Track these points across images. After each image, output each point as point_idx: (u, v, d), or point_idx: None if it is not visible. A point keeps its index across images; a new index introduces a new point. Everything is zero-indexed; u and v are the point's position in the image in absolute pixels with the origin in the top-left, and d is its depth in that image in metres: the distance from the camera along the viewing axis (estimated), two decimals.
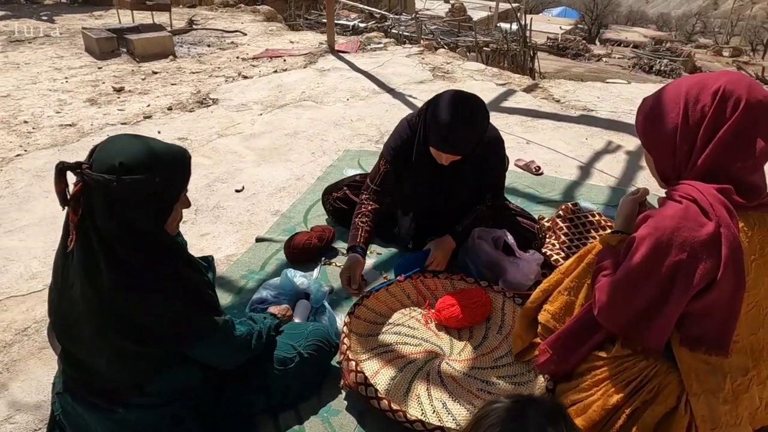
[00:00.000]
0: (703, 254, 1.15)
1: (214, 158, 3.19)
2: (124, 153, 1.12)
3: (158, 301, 1.19)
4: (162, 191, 1.17)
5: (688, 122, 1.21)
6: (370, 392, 1.48)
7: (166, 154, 1.18)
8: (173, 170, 1.19)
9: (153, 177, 1.13)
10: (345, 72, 4.95)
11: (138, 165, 1.12)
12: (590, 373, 1.43)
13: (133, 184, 1.11)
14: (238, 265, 2.22)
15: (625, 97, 4.34)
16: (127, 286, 1.17)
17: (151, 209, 1.17)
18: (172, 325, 1.22)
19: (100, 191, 1.11)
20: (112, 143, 1.15)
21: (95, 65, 5.19)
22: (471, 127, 1.84)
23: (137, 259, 1.17)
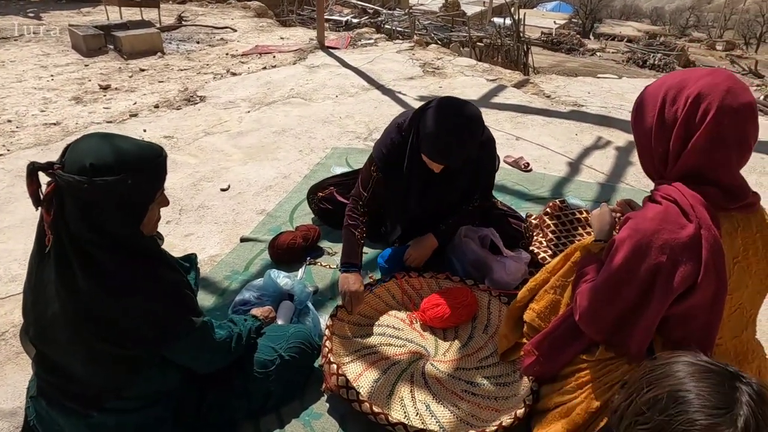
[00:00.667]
0: (683, 257, 1.13)
1: (200, 157, 3.15)
2: (95, 154, 1.09)
3: (134, 303, 1.16)
4: (135, 193, 1.14)
5: (663, 125, 1.20)
6: (352, 395, 1.46)
7: (140, 154, 1.15)
8: (147, 171, 1.16)
9: (125, 179, 1.10)
10: (335, 68, 4.91)
11: (109, 166, 1.09)
12: (574, 375, 1.42)
13: (105, 186, 1.08)
14: (222, 265, 2.19)
15: (615, 93, 4.33)
16: (102, 287, 1.14)
17: (124, 211, 1.15)
18: (148, 326, 1.20)
19: (72, 193, 1.09)
20: (84, 143, 1.13)
21: (82, 63, 5.12)
22: (465, 140, 1.77)
23: (111, 260, 1.14)
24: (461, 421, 1.51)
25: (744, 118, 1.13)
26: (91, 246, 1.13)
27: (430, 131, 1.76)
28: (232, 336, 1.41)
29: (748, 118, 1.14)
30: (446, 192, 2.02)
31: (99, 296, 1.14)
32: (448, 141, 1.74)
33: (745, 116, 1.13)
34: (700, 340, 1.22)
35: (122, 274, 1.15)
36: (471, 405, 1.57)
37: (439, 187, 1.99)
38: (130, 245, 1.17)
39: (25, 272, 1.25)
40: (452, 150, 1.76)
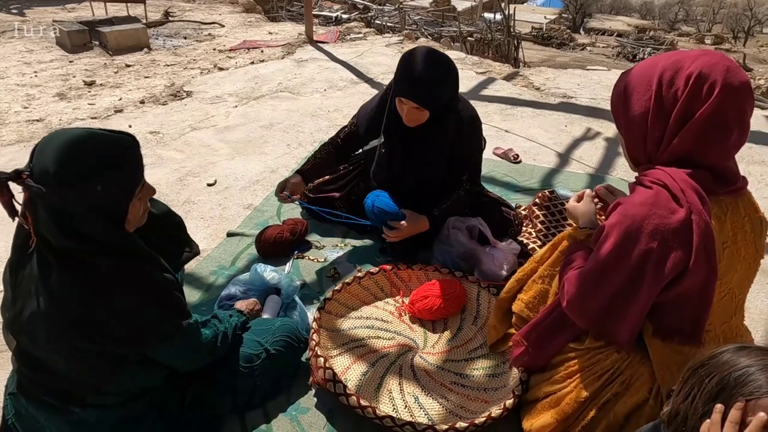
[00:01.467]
0: (674, 242, 1.11)
1: (186, 152, 3.10)
2: (58, 160, 1.01)
3: (117, 305, 1.13)
4: (108, 196, 1.07)
5: (660, 107, 1.17)
6: (339, 389, 1.44)
7: (107, 152, 1.07)
8: (117, 169, 1.08)
9: (93, 186, 1.02)
10: (323, 62, 4.87)
11: (74, 173, 1.01)
12: (563, 364, 1.40)
13: (72, 196, 1.02)
14: (208, 260, 2.16)
15: (605, 84, 4.32)
16: (83, 289, 1.11)
17: (100, 216, 1.08)
18: (132, 328, 1.16)
19: (39, 200, 1.03)
20: (48, 145, 1.05)
21: (66, 59, 5.05)
22: (439, 78, 1.78)
23: (94, 262, 1.11)
24: (450, 413, 1.49)
25: (744, 95, 1.12)
26: (69, 252, 1.09)
27: (404, 67, 1.80)
28: (218, 335, 1.38)
29: (747, 96, 1.12)
30: (426, 154, 2.00)
31: (80, 298, 1.11)
32: (421, 76, 1.76)
33: (745, 94, 1.12)
34: (691, 327, 1.20)
35: (105, 275, 1.11)
36: (460, 396, 1.55)
37: (419, 147, 1.98)
38: (112, 247, 1.12)
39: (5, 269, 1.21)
40: (425, 86, 1.78)
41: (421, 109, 1.82)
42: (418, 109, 1.83)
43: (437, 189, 2.08)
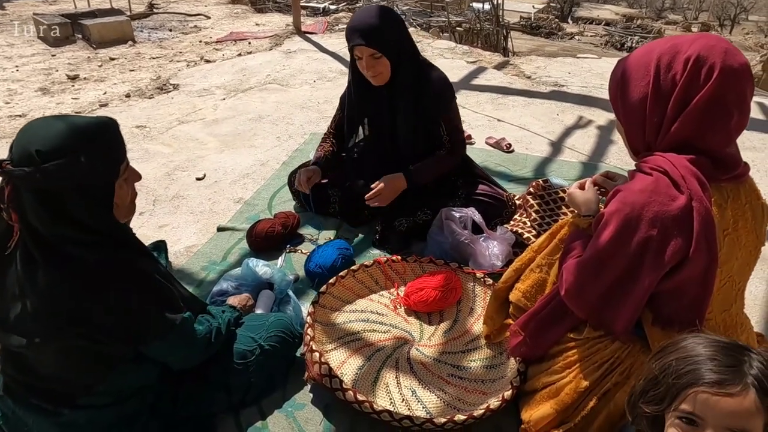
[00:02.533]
0: (674, 230, 1.09)
1: (174, 146, 3.04)
2: (39, 139, 1.01)
3: (106, 300, 1.09)
4: (93, 172, 1.06)
5: (659, 92, 1.14)
6: (335, 384, 1.41)
7: (88, 128, 1.06)
8: (100, 144, 1.07)
9: (77, 158, 1.02)
10: (312, 53, 4.81)
11: (57, 149, 1.00)
12: (562, 355, 1.39)
13: (57, 172, 1.00)
14: (198, 256, 2.12)
15: (596, 72, 4.31)
16: (70, 284, 1.07)
17: (87, 196, 1.06)
18: (125, 324, 1.13)
19: (27, 187, 1.01)
20: (27, 131, 1.04)
21: (48, 53, 4.94)
22: (380, 17, 1.88)
23: (82, 255, 1.07)
24: (448, 406, 1.48)
25: (744, 78, 1.10)
26: (60, 242, 1.05)
27: (349, 23, 1.91)
28: (212, 330, 1.34)
29: (747, 79, 1.10)
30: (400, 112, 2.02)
31: (69, 295, 1.07)
32: (363, 18, 1.87)
33: (745, 76, 1.10)
34: (691, 315, 1.18)
35: (94, 268, 1.08)
36: (458, 389, 1.53)
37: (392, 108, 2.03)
38: (103, 233, 1.10)
39: None
40: (368, 24, 1.85)
41: (377, 55, 1.88)
42: (374, 57, 1.88)
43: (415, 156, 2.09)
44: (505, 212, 2.16)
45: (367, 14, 1.90)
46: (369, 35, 1.86)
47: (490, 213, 2.10)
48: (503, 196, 2.19)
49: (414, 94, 2.00)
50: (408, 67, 1.97)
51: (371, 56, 1.89)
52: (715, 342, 0.80)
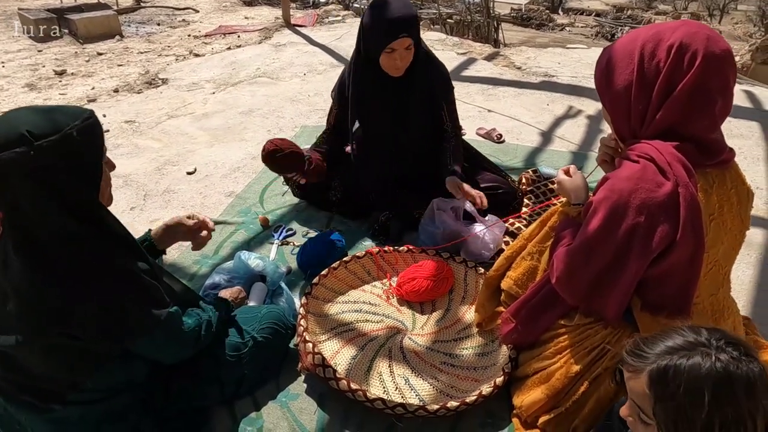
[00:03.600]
0: (661, 216, 1.11)
1: (163, 141, 3.03)
2: (25, 121, 1.01)
3: (87, 296, 1.08)
4: (84, 148, 1.07)
5: (643, 80, 1.15)
6: (329, 373, 1.42)
7: (72, 109, 1.09)
8: (87, 123, 1.08)
9: (69, 134, 1.03)
10: (302, 46, 4.78)
11: (46, 128, 1.01)
12: (553, 341, 1.40)
13: (52, 148, 1.01)
14: (190, 250, 2.11)
15: (585, 62, 4.32)
16: (54, 284, 1.06)
17: (81, 173, 1.08)
18: (109, 322, 1.12)
19: (18, 171, 1.00)
20: (5, 120, 1.04)
21: (34, 48, 4.88)
22: (408, 4, 1.88)
23: (64, 247, 1.07)
24: (441, 393, 1.49)
25: (727, 64, 1.11)
26: (46, 235, 1.05)
27: (375, 14, 1.86)
28: (201, 324, 1.34)
29: (730, 65, 1.12)
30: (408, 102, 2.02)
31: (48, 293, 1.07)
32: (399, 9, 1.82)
33: (727, 62, 1.11)
34: (679, 300, 1.20)
35: (74, 264, 1.07)
36: (450, 376, 1.55)
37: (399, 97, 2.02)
38: (90, 221, 1.10)
39: None
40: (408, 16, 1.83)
41: (411, 46, 1.87)
42: (409, 48, 1.88)
43: (422, 147, 2.11)
44: (515, 204, 2.18)
45: (401, 4, 1.85)
46: (412, 26, 1.86)
47: (501, 202, 2.13)
48: (513, 187, 2.21)
49: (427, 82, 2.02)
50: (421, 55, 1.98)
51: (407, 48, 1.88)
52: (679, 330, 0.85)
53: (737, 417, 0.75)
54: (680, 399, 0.77)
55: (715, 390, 0.75)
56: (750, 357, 0.78)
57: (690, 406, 0.77)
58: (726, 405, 0.75)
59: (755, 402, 0.75)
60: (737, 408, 0.75)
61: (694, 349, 0.80)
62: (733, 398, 0.75)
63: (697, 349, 0.79)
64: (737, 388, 0.75)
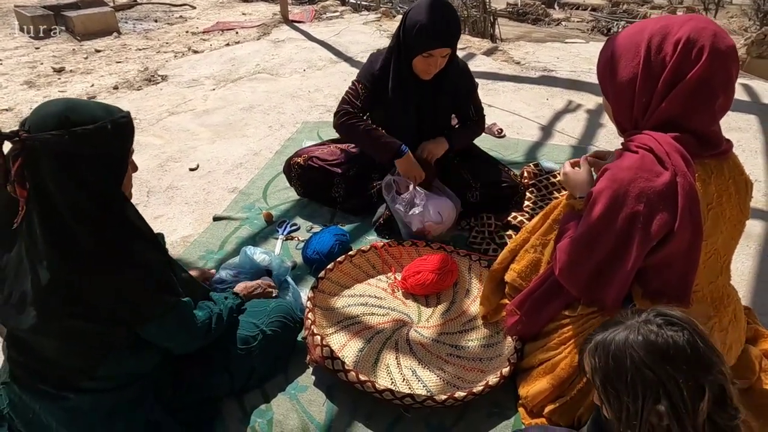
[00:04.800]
0: (659, 205, 1.13)
1: (165, 137, 3.03)
2: (66, 108, 1.07)
3: (104, 279, 1.12)
4: (114, 144, 1.12)
5: (649, 72, 1.17)
6: (337, 365, 1.44)
7: (107, 107, 1.14)
8: (121, 120, 1.13)
9: (104, 126, 1.08)
10: (300, 42, 4.78)
11: (85, 115, 1.07)
12: (557, 332, 1.42)
13: (86, 136, 1.06)
14: (195, 246, 2.13)
15: (584, 57, 4.34)
16: (71, 262, 1.09)
17: (106, 166, 1.12)
18: (119, 304, 1.15)
19: (49, 152, 1.05)
20: (46, 106, 1.09)
21: (32, 45, 4.86)
22: (452, 15, 1.87)
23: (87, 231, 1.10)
24: (448, 384, 1.51)
25: (732, 60, 1.13)
26: (70, 215, 1.08)
27: (430, 22, 1.82)
28: (212, 316, 1.36)
29: (734, 61, 1.14)
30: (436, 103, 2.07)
31: (64, 272, 1.10)
32: (449, 22, 1.84)
33: (732, 59, 1.13)
34: (679, 288, 1.23)
35: (94, 248, 1.10)
36: (457, 368, 1.57)
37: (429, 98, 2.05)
38: (112, 210, 1.13)
39: None
40: (454, 29, 1.85)
41: (448, 55, 1.90)
42: (445, 57, 1.90)
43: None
44: (515, 198, 2.20)
45: (444, 13, 1.84)
46: (457, 39, 1.88)
47: (503, 196, 2.15)
48: (515, 182, 2.22)
49: (453, 86, 2.05)
50: (453, 62, 2.01)
51: (444, 56, 1.89)
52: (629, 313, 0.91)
53: (658, 380, 0.80)
54: (606, 369, 0.85)
55: (634, 356, 0.82)
56: (676, 326, 0.83)
57: (614, 373, 0.83)
58: (645, 369, 0.81)
59: (677, 365, 0.80)
60: (657, 371, 0.80)
61: (623, 325, 0.86)
62: (653, 363, 0.80)
63: (625, 325, 0.86)
64: (655, 353, 0.81)
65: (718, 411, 0.80)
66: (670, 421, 0.79)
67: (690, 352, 0.80)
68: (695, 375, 0.79)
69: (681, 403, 0.79)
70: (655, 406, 0.80)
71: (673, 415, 0.79)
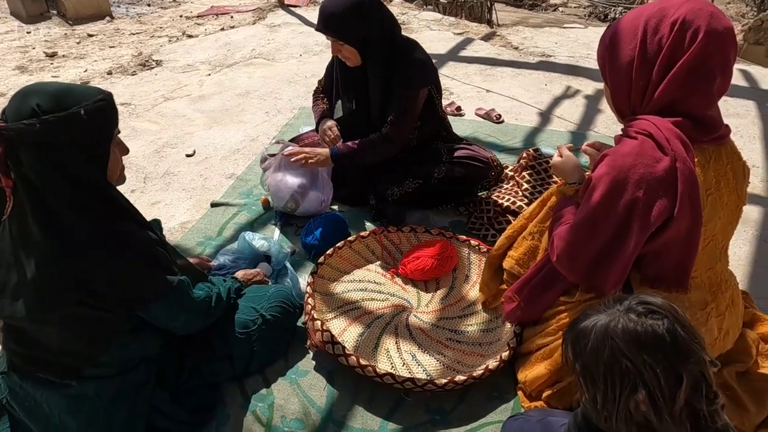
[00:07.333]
0: (659, 190, 1.13)
1: (161, 123, 3.00)
2: (38, 95, 1.04)
3: (103, 261, 1.11)
4: (92, 129, 1.09)
5: (645, 55, 1.16)
6: (338, 350, 1.45)
7: (86, 89, 1.11)
8: (98, 105, 1.09)
9: (77, 112, 1.05)
10: (296, 27, 4.72)
11: (56, 103, 1.04)
12: (555, 317, 1.43)
13: (58, 124, 1.03)
14: (193, 232, 2.12)
15: (582, 42, 4.31)
16: (66, 247, 1.09)
17: (86, 152, 1.09)
18: (120, 286, 1.14)
19: (26, 142, 1.02)
20: (22, 92, 1.06)
21: (23, 30, 4.78)
22: (340, 3, 1.86)
23: (77, 217, 1.09)
24: (447, 368, 1.52)
25: (729, 41, 1.12)
26: (59, 200, 1.07)
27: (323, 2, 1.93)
28: (212, 296, 1.37)
29: (731, 42, 1.13)
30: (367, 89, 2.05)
31: (62, 259, 1.09)
32: (326, 8, 1.88)
33: (729, 40, 1.12)
34: (677, 274, 1.23)
35: (89, 230, 1.10)
36: (456, 352, 1.58)
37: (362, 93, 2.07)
38: (99, 195, 1.12)
39: None
40: (329, 15, 1.87)
41: (339, 42, 1.91)
42: (336, 42, 1.92)
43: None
44: (491, 173, 2.14)
45: (331, 3, 1.87)
46: (327, 23, 1.88)
47: (475, 175, 2.11)
48: (487, 158, 2.15)
49: (385, 79, 1.97)
50: (378, 54, 1.93)
51: (334, 41, 1.92)
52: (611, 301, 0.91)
53: (636, 369, 0.81)
54: (585, 357, 0.86)
55: (613, 345, 0.82)
56: (657, 315, 0.83)
57: (593, 361, 0.84)
58: (623, 358, 0.81)
59: (655, 355, 0.80)
60: (635, 361, 0.81)
61: (605, 313, 0.87)
62: (631, 352, 0.81)
63: (607, 312, 0.87)
64: (633, 343, 0.81)
65: (696, 397, 0.80)
66: (647, 410, 0.80)
67: (669, 341, 0.81)
68: (673, 364, 0.80)
69: (658, 391, 0.79)
70: (633, 395, 0.80)
71: (651, 403, 0.79)
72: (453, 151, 2.13)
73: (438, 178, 2.07)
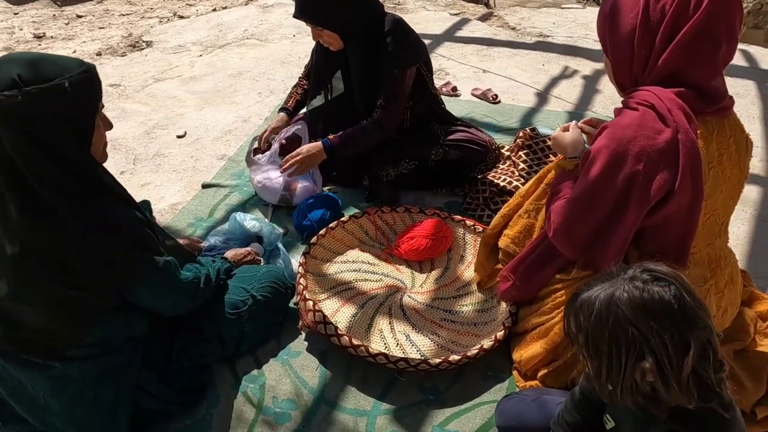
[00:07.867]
0: (660, 163, 1.10)
1: (151, 104, 2.95)
2: (19, 65, 0.99)
3: (84, 238, 1.08)
4: (75, 101, 1.04)
5: (647, 24, 1.12)
6: (330, 330, 1.42)
7: (69, 60, 1.06)
8: (81, 76, 1.04)
9: (61, 83, 1.00)
10: (289, 7, 4.60)
11: (39, 73, 0.99)
12: (551, 296, 1.41)
13: (41, 95, 0.99)
14: (184, 213, 2.09)
15: (580, 22, 4.24)
16: (48, 224, 1.05)
17: (69, 125, 1.05)
18: (103, 265, 1.11)
19: (6, 115, 0.98)
20: (3, 63, 1.01)
21: (10, 11, 4.68)
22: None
23: (60, 193, 1.05)
24: (442, 348, 1.50)
25: (735, 6, 1.09)
26: (37, 180, 1.03)
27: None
28: (200, 277, 1.33)
29: (737, 7, 1.09)
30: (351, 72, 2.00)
31: (43, 239, 1.06)
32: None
33: (735, 5, 1.09)
34: (677, 250, 1.21)
35: (70, 207, 1.06)
36: (451, 332, 1.56)
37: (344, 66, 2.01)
38: (82, 171, 1.08)
39: None
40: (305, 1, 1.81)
41: (317, 27, 1.86)
42: (315, 28, 1.87)
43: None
44: (489, 157, 2.09)
45: None
46: (303, 9, 1.83)
47: (472, 159, 2.06)
48: (485, 141, 2.10)
49: (368, 63, 1.91)
50: (360, 37, 1.88)
51: (313, 27, 1.87)
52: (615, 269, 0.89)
53: (643, 337, 0.79)
54: (590, 327, 0.84)
55: (619, 313, 0.80)
56: (663, 281, 0.81)
57: (598, 330, 0.82)
58: (630, 326, 0.79)
59: (662, 322, 0.78)
60: (642, 328, 0.79)
61: (608, 282, 0.85)
62: (638, 320, 0.79)
63: (611, 282, 0.84)
64: (640, 310, 0.79)
65: (703, 365, 0.79)
66: (654, 378, 0.78)
67: (677, 307, 0.79)
68: (681, 330, 0.78)
69: (666, 359, 0.77)
70: (639, 363, 0.79)
71: (658, 371, 0.78)
72: (450, 133, 2.08)
73: (435, 161, 2.03)
